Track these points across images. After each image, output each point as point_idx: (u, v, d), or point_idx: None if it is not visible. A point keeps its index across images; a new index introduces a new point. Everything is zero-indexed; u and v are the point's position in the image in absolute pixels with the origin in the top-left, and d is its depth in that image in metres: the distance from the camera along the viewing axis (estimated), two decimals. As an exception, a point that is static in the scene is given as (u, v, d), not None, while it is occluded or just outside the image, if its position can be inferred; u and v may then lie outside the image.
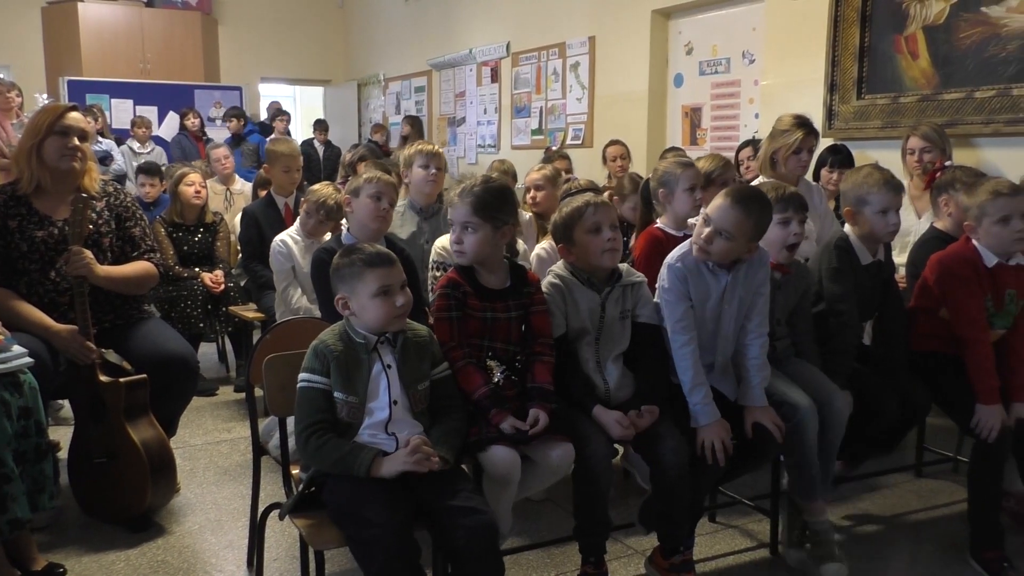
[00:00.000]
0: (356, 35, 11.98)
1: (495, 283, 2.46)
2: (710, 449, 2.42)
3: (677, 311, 2.51)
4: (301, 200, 4.10)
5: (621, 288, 2.55)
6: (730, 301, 2.54)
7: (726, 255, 2.48)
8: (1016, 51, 4.29)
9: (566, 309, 2.51)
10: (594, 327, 2.52)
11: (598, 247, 2.48)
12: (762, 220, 2.48)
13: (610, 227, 2.49)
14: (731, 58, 6.27)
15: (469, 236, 2.41)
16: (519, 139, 8.53)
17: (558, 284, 2.53)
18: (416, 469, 2.03)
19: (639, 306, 2.58)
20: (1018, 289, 2.86)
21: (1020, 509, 2.97)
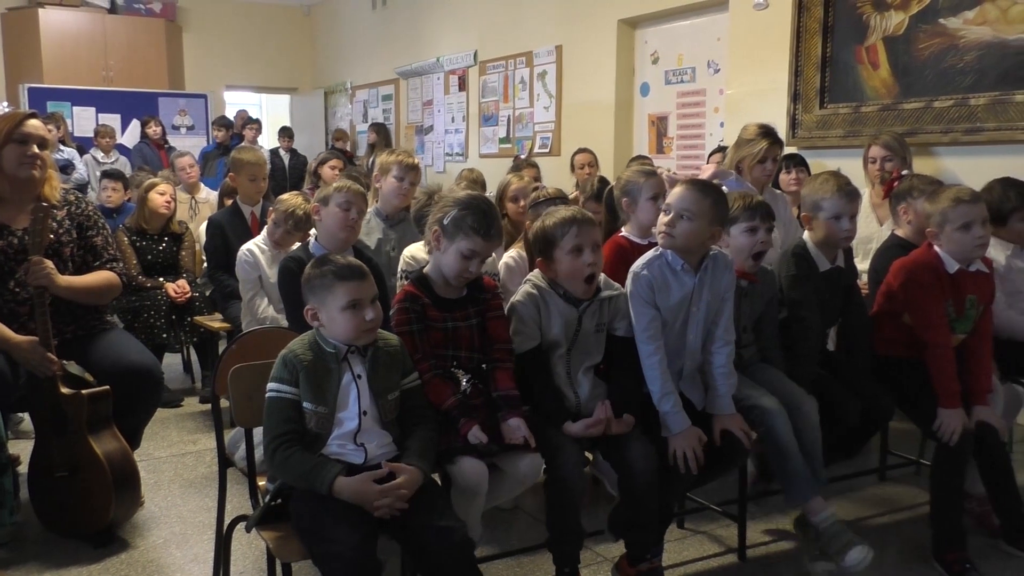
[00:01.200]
0: (323, 43, 11.93)
1: (452, 293, 2.45)
2: (682, 458, 2.43)
3: (643, 319, 2.51)
4: (269, 209, 4.06)
5: (599, 302, 2.53)
6: (697, 304, 2.55)
7: (689, 238, 2.48)
8: (973, 62, 4.39)
9: (540, 320, 2.49)
10: (568, 339, 2.51)
11: (578, 270, 2.44)
12: (719, 203, 2.52)
13: (592, 248, 2.45)
14: (696, 68, 6.33)
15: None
16: (487, 147, 8.54)
17: (534, 294, 2.49)
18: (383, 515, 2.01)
19: (616, 319, 2.56)
20: (978, 294, 2.92)
21: (981, 511, 3.02)
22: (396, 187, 3.79)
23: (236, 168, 4.63)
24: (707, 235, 2.51)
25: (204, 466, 3.72)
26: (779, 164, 4.60)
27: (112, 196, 5.71)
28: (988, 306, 2.96)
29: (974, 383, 2.85)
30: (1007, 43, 4.24)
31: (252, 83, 12.14)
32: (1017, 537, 2.84)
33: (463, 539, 2.04)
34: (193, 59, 11.33)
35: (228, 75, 11.66)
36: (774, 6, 5.35)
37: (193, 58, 11.33)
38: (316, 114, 11.86)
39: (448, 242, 2.40)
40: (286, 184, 8.78)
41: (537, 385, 2.48)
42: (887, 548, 2.97)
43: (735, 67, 5.77)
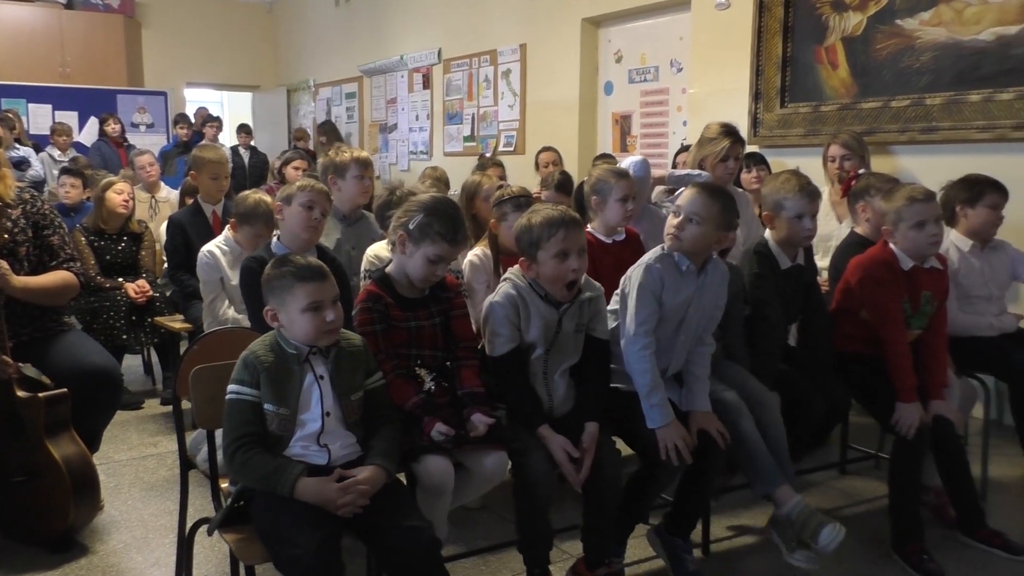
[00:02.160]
0: (285, 40, 11.82)
1: (415, 292, 2.45)
2: (673, 450, 2.41)
3: (644, 311, 2.49)
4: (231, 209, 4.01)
5: (579, 303, 2.51)
6: (696, 307, 2.56)
7: (697, 242, 2.50)
8: (929, 62, 4.47)
9: (519, 322, 2.46)
10: (547, 341, 2.48)
11: (561, 275, 2.41)
12: (728, 208, 2.52)
13: (578, 254, 2.41)
14: (659, 67, 6.38)
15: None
16: (451, 146, 8.52)
17: (513, 295, 2.45)
18: (344, 514, 1.99)
19: (595, 320, 2.55)
20: (933, 291, 2.97)
21: (938, 503, 3.08)
22: (359, 185, 3.74)
23: (198, 167, 4.57)
24: (714, 239, 2.53)
25: (165, 469, 3.68)
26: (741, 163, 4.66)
27: (71, 193, 5.61)
28: (943, 302, 3.02)
29: (930, 378, 2.90)
30: (962, 44, 4.33)
31: (213, 80, 12.00)
32: (973, 527, 2.90)
33: (429, 539, 2.03)
34: (152, 55, 11.18)
35: (188, 72, 11.51)
36: (735, 6, 5.40)
37: (152, 54, 11.18)
38: (279, 112, 11.75)
39: (414, 247, 2.38)
40: (246, 183, 8.67)
41: (513, 387, 2.47)
42: (848, 540, 3.00)
43: (697, 66, 5.82)
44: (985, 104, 4.23)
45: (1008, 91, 4.14)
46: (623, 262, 3.11)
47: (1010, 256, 3.37)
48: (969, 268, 3.30)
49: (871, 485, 3.47)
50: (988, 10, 4.22)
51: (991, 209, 3.26)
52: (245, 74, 11.99)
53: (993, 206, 3.26)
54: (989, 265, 3.34)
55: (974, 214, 3.28)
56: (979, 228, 3.28)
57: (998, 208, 3.26)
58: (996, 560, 2.81)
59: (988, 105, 4.22)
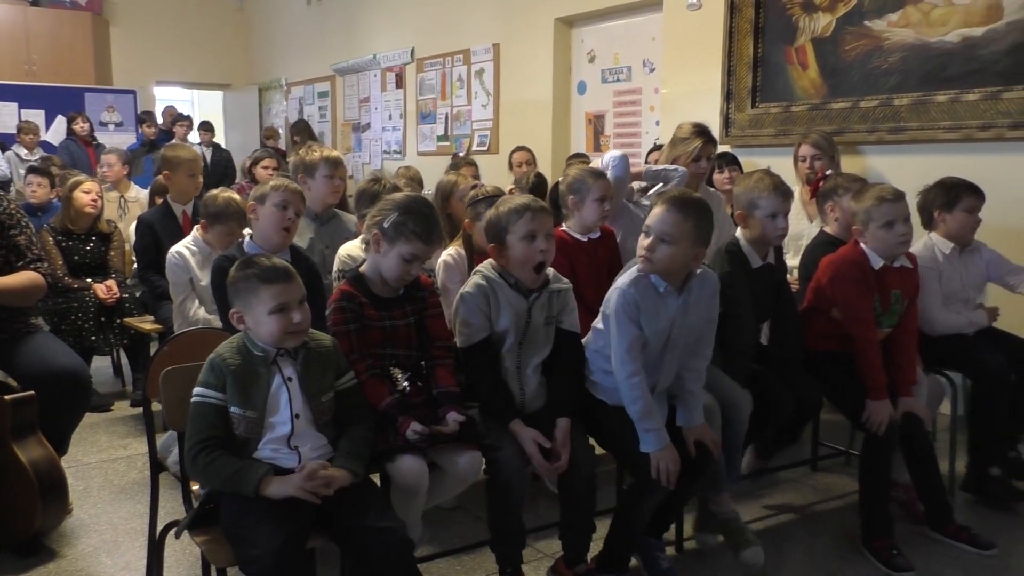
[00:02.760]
0: (256, 38, 11.73)
1: (389, 291, 2.44)
2: (664, 472, 2.37)
3: (626, 338, 2.41)
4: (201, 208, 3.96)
5: (548, 294, 2.54)
6: (681, 326, 2.48)
7: (670, 262, 2.41)
8: (897, 63, 4.53)
9: (490, 311, 2.48)
10: (519, 332, 2.50)
11: (530, 255, 2.44)
12: (702, 223, 2.42)
13: (545, 236, 2.45)
14: (632, 66, 6.40)
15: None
16: (425, 145, 8.50)
17: (484, 286, 2.48)
18: (309, 499, 1.97)
19: (564, 312, 2.57)
20: (903, 289, 3.01)
21: (907, 498, 3.12)
22: (328, 186, 3.71)
23: (172, 166, 4.51)
24: (690, 257, 2.42)
25: (135, 471, 3.63)
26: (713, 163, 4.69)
27: (37, 192, 5.52)
28: (913, 300, 3.06)
29: (899, 375, 2.94)
30: (929, 45, 4.39)
31: (183, 79, 11.88)
32: (941, 523, 2.95)
33: (402, 540, 2.03)
34: (121, 53, 11.04)
35: (158, 70, 11.39)
36: (707, 7, 5.44)
37: (121, 52, 11.04)
38: (250, 111, 11.66)
39: (389, 246, 2.37)
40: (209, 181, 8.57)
41: (485, 380, 2.48)
42: (820, 536, 3.05)
43: (670, 66, 5.85)
44: (952, 105, 4.29)
45: (974, 92, 4.20)
46: (599, 260, 3.14)
47: (985, 258, 3.41)
48: (950, 270, 3.34)
49: (842, 481, 3.51)
50: (954, 12, 4.28)
51: (968, 213, 3.28)
52: (216, 73, 11.87)
53: (970, 210, 3.28)
54: (966, 268, 3.37)
55: (951, 219, 3.30)
56: (957, 232, 3.31)
57: (974, 212, 3.29)
58: (964, 555, 2.85)
59: (955, 106, 4.28)
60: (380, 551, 1.99)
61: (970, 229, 3.31)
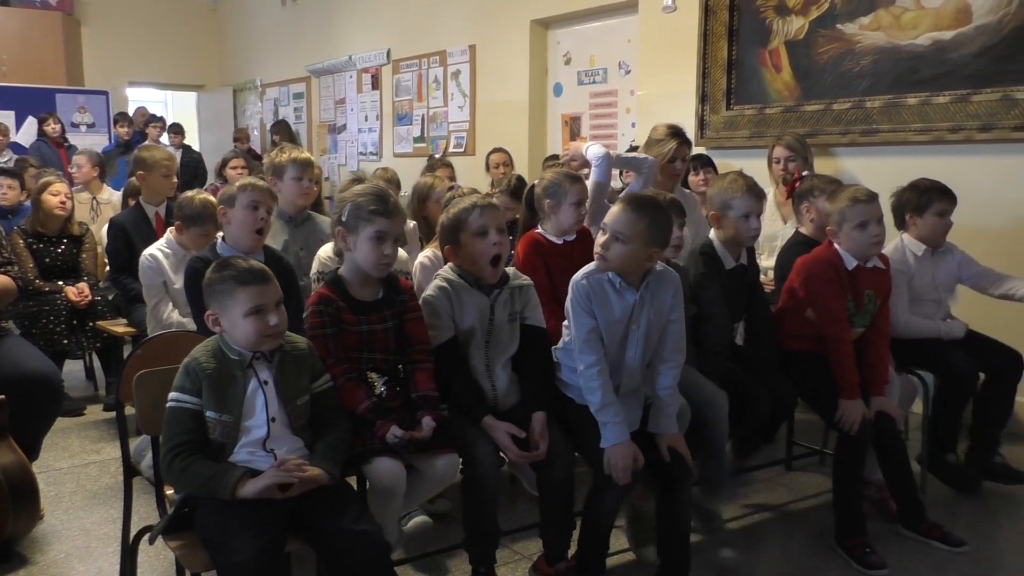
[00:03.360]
0: (231, 39, 11.65)
1: (368, 295, 2.43)
2: (619, 469, 2.36)
3: (583, 329, 2.43)
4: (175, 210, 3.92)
5: (509, 290, 2.56)
6: (637, 322, 2.47)
7: (624, 261, 2.41)
8: (869, 66, 4.58)
9: (453, 312, 2.50)
10: (483, 329, 2.52)
11: (484, 250, 2.48)
12: (658, 222, 2.42)
13: (497, 230, 2.49)
14: (608, 68, 6.43)
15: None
16: (401, 146, 8.48)
17: (445, 287, 2.51)
18: (283, 481, 1.96)
19: (527, 308, 2.60)
20: (875, 290, 3.05)
21: (880, 497, 3.15)
22: (297, 188, 3.66)
23: (146, 167, 4.47)
24: (643, 257, 2.42)
25: (108, 476, 3.59)
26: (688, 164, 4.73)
27: (8, 194, 5.44)
28: (885, 301, 3.10)
29: (872, 374, 2.97)
30: (900, 48, 4.44)
31: (156, 79, 11.76)
32: (913, 521, 2.98)
33: (379, 543, 2.02)
34: (93, 54, 10.92)
35: (130, 71, 11.26)
36: (682, 9, 5.47)
37: (93, 53, 10.92)
38: (225, 112, 11.56)
39: (354, 235, 2.37)
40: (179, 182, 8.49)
41: (454, 379, 2.48)
42: (794, 535, 3.08)
43: (645, 69, 5.87)
44: (922, 107, 4.34)
45: (944, 95, 4.26)
46: (575, 261, 3.13)
47: (956, 259, 3.45)
48: (921, 272, 3.38)
49: (816, 480, 3.54)
50: (924, 16, 4.34)
51: (938, 217, 3.32)
52: (189, 73, 11.77)
53: (940, 214, 3.32)
54: (938, 269, 3.41)
55: (923, 222, 3.34)
56: (928, 235, 3.35)
57: (945, 215, 3.32)
58: (936, 552, 2.89)
59: (925, 108, 4.33)
60: (356, 554, 1.99)
61: (941, 232, 3.35)
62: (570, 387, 2.59)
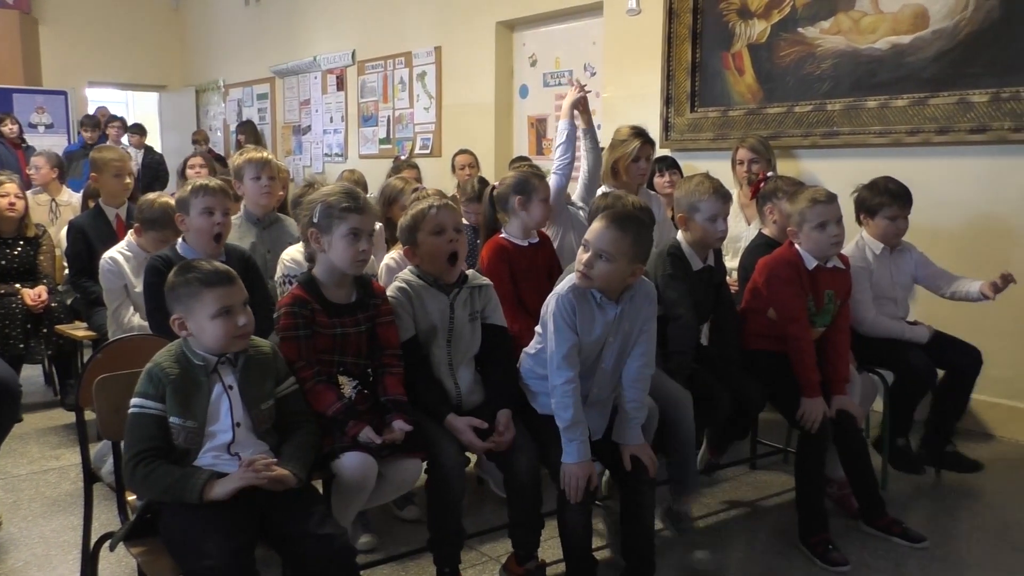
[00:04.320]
0: (193, 39, 11.51)
1: (342, 297, 2.42)
2: (573, 487, 2.37)
3: (564, 345, 2.39)
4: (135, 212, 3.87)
5: (468, 290, 2.57)
6: (615, 335, 2.47)
7: (608, 279, 2.39)
8: (829, 69, 4.64)
9: (414, 312, 2.51)
10: (445, 329, 2.53)
11: (441, 248, 2.50)
12: (640, 239, 2.41)
13: (453, 228, 2.51)
14: (573, 70, 6.45)
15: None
16: (367, 148, 8.44)
17: (405, 289, 2.53)
18: (254, 483, 1.94)
19: (487, 308, 2.62)
20: (836, 290, 3.09)
21: (842, 494, 3.20)
22: (256, 188, 3.59)
23: (99, 168, 4.41)
24: (627, 274, 2.41)
25: (68, 482, 3.53)
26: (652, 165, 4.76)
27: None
28: (845, 301, 3.14)
29: (833, 374, 3.01)
30: (859, 52, 4.51)
31: (117, 80, 11.59)
32: (874, 517, 3.03)
33: (343, 547, 2.01)
34: (51, 53, 10.73)
35: (90, 71, 11.10)
36: (646, 12, 5.51)
37: (51, 52, 10.73)
38: (187, 113, 11.43)
39: (328, 235, 2.37)
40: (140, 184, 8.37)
41: (417, 378, 2.49)
42: (758, 533, 3.11)
43: (610, 71, 5.91)
44: (881, 110, 4.42)
45: (902, 98, 4.34)
46: (538, 264, 3.17)
47: (914, 259, 3.52)
48: (880, 270, 3.44)
49: (780, 478, 3.58)
50: (883, 20, 4.42)
51: (889, 221, 3.38)
52: (151, 73, 11.62)
53: (891, 218, 3.38)
54: (896, 267, 3.48)
55: (874, 224, 3.42)
56: (880, 236, 3.42)
57: (896, 219, 3.38)
58: (896, 548, 2.93)
59: (884, 111, 4.41)
60: (321, 558, 1.97)
61: (892, 235, 3.42)
62: (536, 396, 2.59)
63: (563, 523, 2.48)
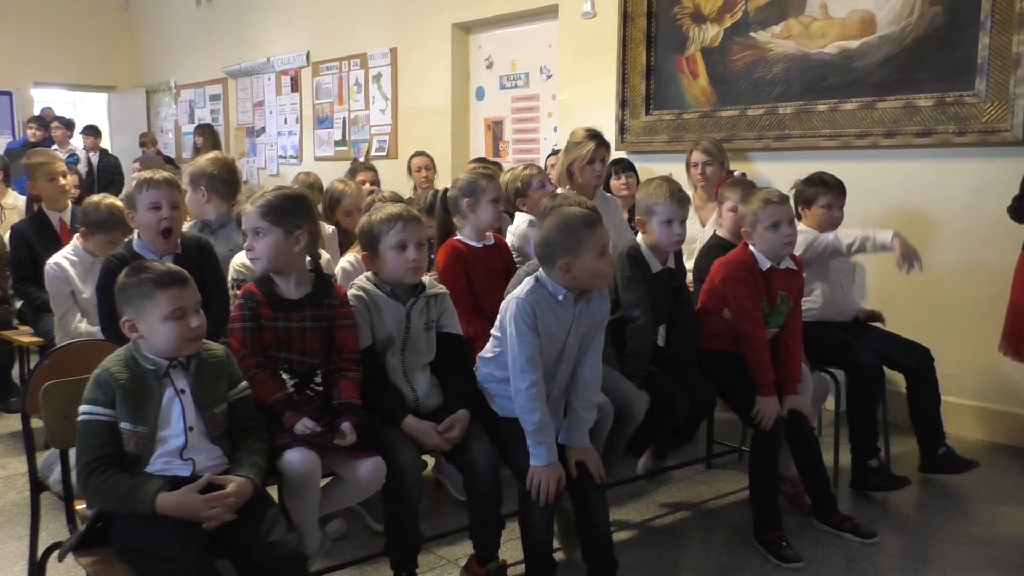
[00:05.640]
0: (143, 39, 11.30)
1: (294, 293, 2.41)
2: (544, 491, 2.37)
3: (527, 348, 2.38)
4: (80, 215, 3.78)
5: (425, 299, 2.57)
6: (574, 335, 2.49)
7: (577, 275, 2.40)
8: (781, 73, 4.72)
9: (371, 320, 2.50)
10: (400, 337, 2.53)
11: (402, 265, 2.48)
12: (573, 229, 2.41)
13: (416, 245, 2.49)
14: (530, 73, 6.47)
15: (260, 241, 2.37)
16: (322, 150, 8.37)
17: (362, 296, 2.52)
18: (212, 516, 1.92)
19: (443, 317, 2.61)
20: (788, 290, 3.14)
21: (795, 492, 3.24)
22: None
23: (31, 173, 4.31)
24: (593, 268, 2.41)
25: (15, 492, 3.45)
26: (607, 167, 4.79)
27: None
28: (798, 301, 3.19)
29: (784, 374, 3.06)
30: (809, 56, 4.59)
31: (64, 80, 11.32)
32: (826, 514, 3.07)
33: (293, 553, 1.99)
34: (-6, 53, 10.46)
35: (36, 71, 10.82)
36: (601, 15, 5.54)
37: (-6, 52, 10.46)
38: (137, 114, 11.21)
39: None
40: (93, 187, 8.20)
41: (373, 384, 2.48)
42: (714, 532, 3.14)
43: (566, 73, 5.93)
44: (831, 113, 4.50)
45: (851, 101, 4.42)
46: (494, 267, 3.16)
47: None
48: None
49: (735, 477, 3.62)
50: (832, 25, 4.50)
51: (825, 209, 3.49)
52: (99, 74, 11.37)
53: (826, 206, 3.49)
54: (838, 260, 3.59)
55: (811, 214, 3.52)
56: (816, 226, 3.51)
57: (832, 208, 3.49)
58: (848, 544, 2.98)
59: (834, 114, 4.49)
60: (269, 564, 1.95)
61: (828, 224, 3.51)
62: (494, 398, 2.59)
63: (525, 524, 2.48)
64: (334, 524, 2.92)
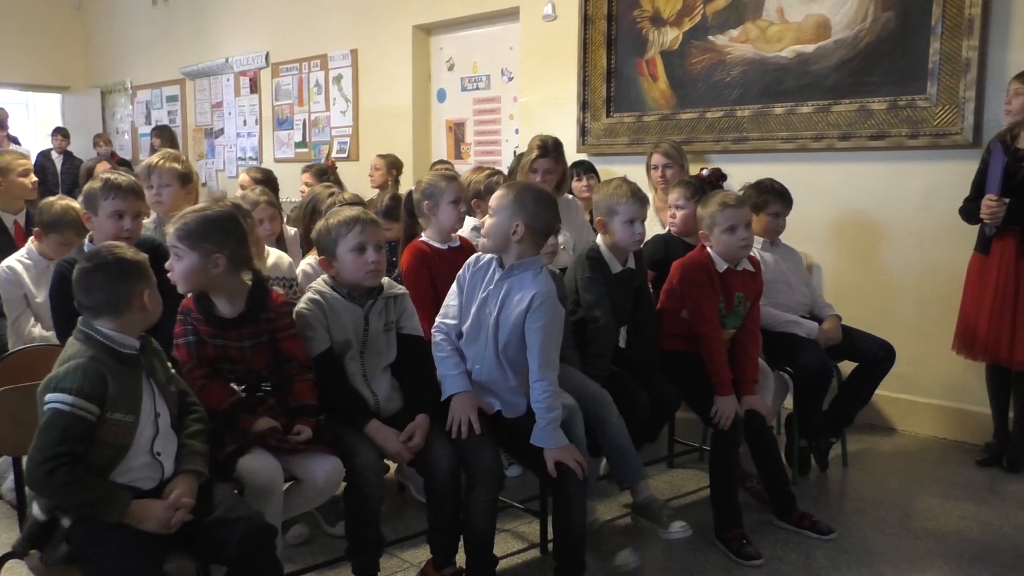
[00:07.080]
0: (98, 39, 11.11)
1: (229, 311, 2.38)
2: (456, 424, 2.46)
3: (450, 301, 2.64)
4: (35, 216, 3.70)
5: (384, 300, 2.56)
6: (494, 305, 2.49)
7: (493, 233, 2.51)
8: (739, 76, 4.78)
9: (328, 324, 2.48)
10: (358, 340, 2.51)
11: (361, 268, 2.47)
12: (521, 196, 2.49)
13: (375, 248, 2.48)
14: (491, 75, 6.47)
15: (177, 263, 2.32)
16: (282, 152, 8.29)
17: (319, 300, 2.50)
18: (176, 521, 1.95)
19: (403, 318, 2.60)
20: (745, 292, 3.18)
21: (759, 488, 3.28)
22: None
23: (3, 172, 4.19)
24: (509, 230, 2.50)
25: (-34, 502, 3.36)
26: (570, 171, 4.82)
27: None
28: (755, 303, 3.24)
29: (742, 374, 3.10)
30: (767, 60, 4.66)
31: (15, 80, 11.08)
32: (785, 511, 3.12)
33: (264, 526, 2.01)
34: (-57, 52, 10.21)
35: (-13, 71, 10.59)
36: (562, 18, 5.57)
37: (-57, 51, 10.21)
38: (92, 115, 11.01)
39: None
40: (58, 189, 8.07)
41: (333, 389, 2.46)
42: (675, 530, 3.17)
43: (527, 76, 5.95)
44: (788, 116, 4.57)
45: (807, 104, 4.49)
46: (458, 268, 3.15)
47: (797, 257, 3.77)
48: (765, 256, 3.61)
49: (696, 476, 3.66)
50: (788, 29, 4.57)
51: (772, 217, 3.64)
52: (52, 74, 11.14)
53: (775, 214, 3.64)
54: (782, 256, 3.69)
55: (757, 220, 3.59)
56: (762, 232, 3.63)
57: (780, 216, 3.65)
58: (807, 540, 3.03)
59: (790, 117, 4.56)
60: (236, 541, 1.95)
61: (773, 231, 3.66)
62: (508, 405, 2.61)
63: (467, 506, 2.46)
64: (296, 529, 2.91)
